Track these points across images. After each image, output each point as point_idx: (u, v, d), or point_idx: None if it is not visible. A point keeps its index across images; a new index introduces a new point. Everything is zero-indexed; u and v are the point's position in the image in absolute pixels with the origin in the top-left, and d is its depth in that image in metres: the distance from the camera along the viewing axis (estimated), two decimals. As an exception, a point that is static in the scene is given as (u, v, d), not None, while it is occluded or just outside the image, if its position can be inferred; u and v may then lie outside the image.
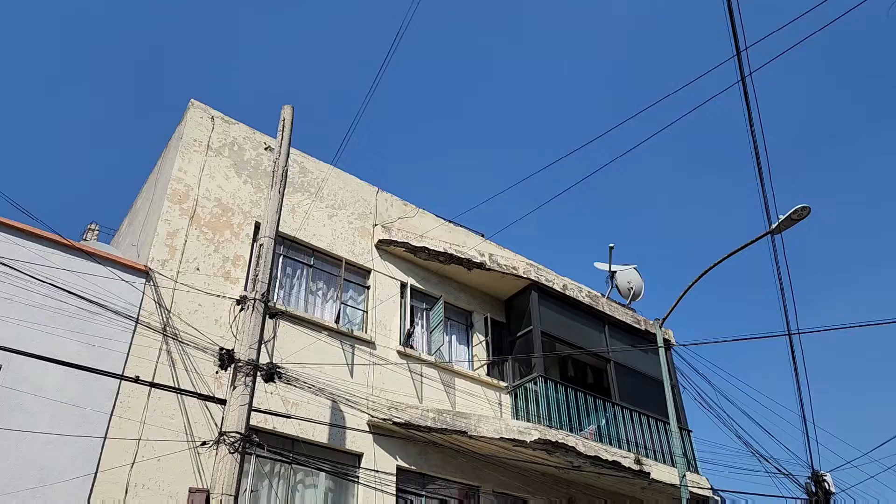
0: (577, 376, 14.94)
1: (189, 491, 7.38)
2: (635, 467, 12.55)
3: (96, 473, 7.95)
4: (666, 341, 14.42)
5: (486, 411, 12.33)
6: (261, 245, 8.95)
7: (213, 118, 11.58)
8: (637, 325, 15.15)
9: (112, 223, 14.29)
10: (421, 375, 11.86)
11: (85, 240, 13.68)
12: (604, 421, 13.24)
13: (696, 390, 16.14)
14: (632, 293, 16.04)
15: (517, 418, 12.45)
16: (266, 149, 11.98)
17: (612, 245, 16.11)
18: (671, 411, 12.92)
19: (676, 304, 12.89)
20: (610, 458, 12.28)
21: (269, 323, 9.57)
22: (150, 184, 12.06)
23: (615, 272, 16.06)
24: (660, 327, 13.79)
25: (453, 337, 13.20)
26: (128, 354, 8.73)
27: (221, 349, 8.09)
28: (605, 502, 12.97)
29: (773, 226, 11.67)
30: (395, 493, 10.44)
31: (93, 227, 14.56)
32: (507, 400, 12.89)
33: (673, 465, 12.99)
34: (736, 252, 12.26)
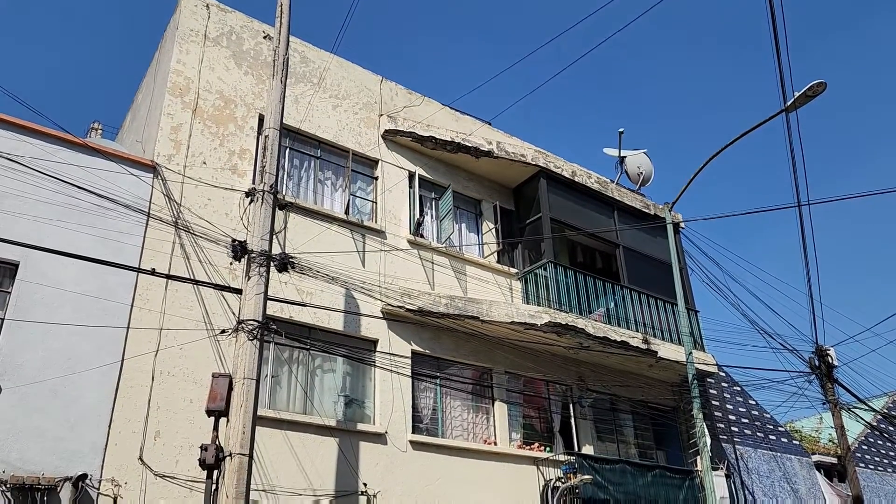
0: (587, 262, 15.10)
1: (212, 376, 7.64)
2: (643, 346, 12.89)
3: (122, 362, 8.25)
4: (675, 224, 14.45)
5: (497, 297, 12.55)
6: (266, 137, 8.85)
7: (207, 6, 11.20)
8: (646, 210, 15.14)
9: (115, 122, 14.15)
10: (432, 263, 12.01)
11: (89, 138, 13.57)
12: (612, 304, 13.49)
13: (703, 272, 16.32)
14: (641, 178, 15.92)
15: (527, 303, 12.69)
16: (265, 37, 11.64)
17: (621, 130, 15.86)
18: (679, 292, 13.10)
19: (687, 186, 12.82)
20: (618, 339, 12.60)
21: (279, 215, 9.63)
22: (150, 78, 11.83)
23: (625, 157, 15.88)
24: (669, 210, 13.77)
25: (463, 225, 13.27)
26: (142, 248, 8.86)
27: (234, 241, 8.16)
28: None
29: (789, 103, 11.40)
30: (410, 375, 10.81)
31: (96, 125, 14.42)
32: (517, 286, 13.09)
33: (680, 344, 13.33)
34: (750, 132, 12.04)
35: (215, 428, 7.43)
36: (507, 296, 12.81)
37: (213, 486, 7.23)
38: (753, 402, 16.66)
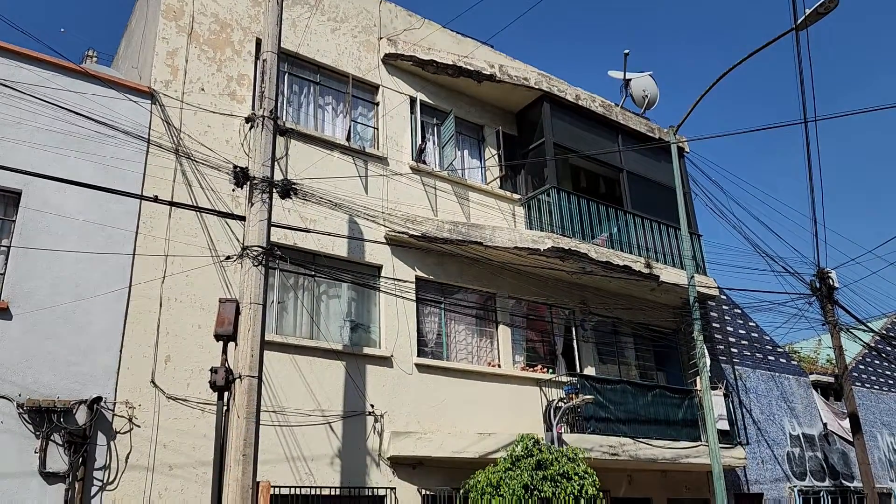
0: (590, 187, 15.04)
1: (219, 301, 7.74)
2: (645, 271, 12.98)
3: (130, 288, 8.35)
4: (679, 148, 14.32)
5: (501, 223, 12.56)
6: (264, 61, 8.68)
7: (199, -75, 10.79)
8: (651, 134, 14.97)
9: (109, 50, 13.87)
10: (435, 189, 11.98)
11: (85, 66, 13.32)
12: (615, 229, 13.51)
13: (707, 196, 16.26)
14: (646, 101, 15.67)
15: (531, 228, 12.72)
16: (260, -42, 11.26)
17: (627, 51, 15.55)
18: (682, 217, 13.10)
19: (693, 108, 12.62)
20: (621, 263, 12.68)
21: (280, 141, 9.55)
22: (143, 1, 11.53)
23: (630, 80, 15.59)
24: (674, 134, 13.62)
25: (465, 151, 13.16)
26: (144, 175, 8.84)
27: (235, 167, 8.11)
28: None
29: (800, 20, 11.11)
30: (415, 300, 10.94)
31: (91, 53, 14.12)
32: (520, 211, 13.09)
33: (682, 268, 13.41)
34: (759, 50, 11.75)
35: (224, 352, 7.58)
36: (511, 221, 12.82)
37: (225, 408, 7.43)
38: (753, 325, 16.88)
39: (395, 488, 9.75)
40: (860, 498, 16.44)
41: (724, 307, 16.28)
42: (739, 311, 16.65)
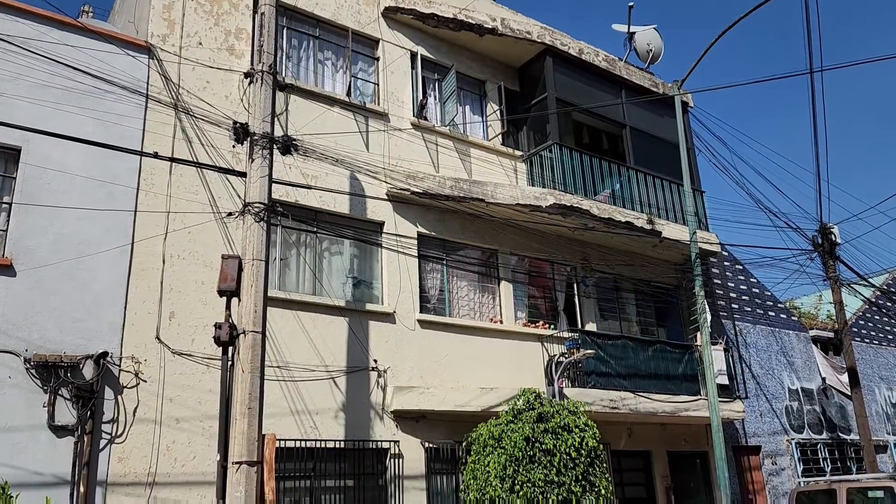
0: (593, 144, 14.93)
1: (222, 257, 7.77)
2: (647, 227, 12.97)
3: (132, 245, 8.37)
4: (683, 103, 14.18)
5: (502, 179, 12.51)
6: (262, 14, 8.54)
7: None
8: (655, 89, 14.80)
9: (105, 4, 13.64)
10: (436, 145, 11.90)
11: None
12: (618, 185, 13.45)
13: (710, 152, 16.16)
14: (650, 55, 15.44)
15: (533, 185, 12.67)
16: None
17: (631, 4, 15.21)
18: (685, 172, 13.04)
19: (698, 61, 12.46)
20: (623, 220, 12.66)
21: (280, 97, 9.47)
22: (138, -46, 11.30)
23: (634, 33, 15.34)
24: (678, 88, 13.47)
25: (467, 107, 13.04)
26: (143, 132, 8.78)
27: (235, 123, 8.06)
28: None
29: (806, -30, 10.87)
30: (417, 256, 10.96)
31: (86, 8, 13.91)
32: (522, 168, 13.02)
33: (684, 224, 13.40)
34: (765, 2, 11.54)
35: (227, 307, 7.64)
36: (512, 178, 12.77)
37: (229, 363, 7.52)
38: (754, 281, 16.93)
39: (398, 441, 9.91)
40: (857, 450, 16.69)
41: (726, 263, 16.31)
42: (741, 267, 16.68)
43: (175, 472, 8.05)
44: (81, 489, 7.30)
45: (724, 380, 13.34)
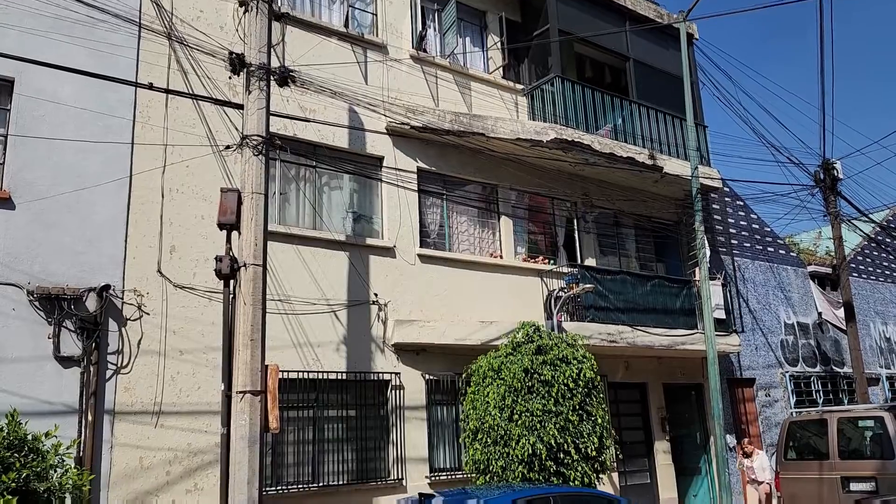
0: (595, 77, 14.68)
1: (221, 191, 7.73)
2: (649, 162, 12.87)
3: (130, 178, 8.33)
4: (688, 35, 13.87)
5: (503, 113, 12.35)
6: (256, -61, 8.28)
7: None
8: (659, 20, 14.45)
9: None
10: (436, 78, 11.70)
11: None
12: (620, 120, 13.29)
13: (714, 86, 15.89)
14: (656, -15, 15.01)
15: (534, 119, 12.51)
16: None
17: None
18: (688, 106, 12.88)
19: (703, -9, 12.10)
20: (624, 155, 12.56)
21: (276, 27, 9.24)
22: None
23: (639, -38, 14.87)
24: (684, 20, 13.17)
25: (467, 39, 12.76)
26: (137, 62, 8.62)
27: (231, 53, 7.90)
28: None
29: None
30: (416, 190, 10.93)
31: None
32: (523, 102, 12.84)
33: (686, 159, 13.31)
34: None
35: (228, 241, 7.65)
36: (513, 112, 12.60)
37: (231, 296, 7.58)
38: (755, 216, 16.92)
39: (399, 373, 10.08)
40: (849, 382, 17.00)
41: (727, 199, 16.27)
42: (741, 203, 16.65)
43: (180, 401, 8.21)
44: (89, 417, 7.47)
45: (721, 314, 13.49)
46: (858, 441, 10.62)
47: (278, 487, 8.70)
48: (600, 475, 9.24)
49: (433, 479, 9.96)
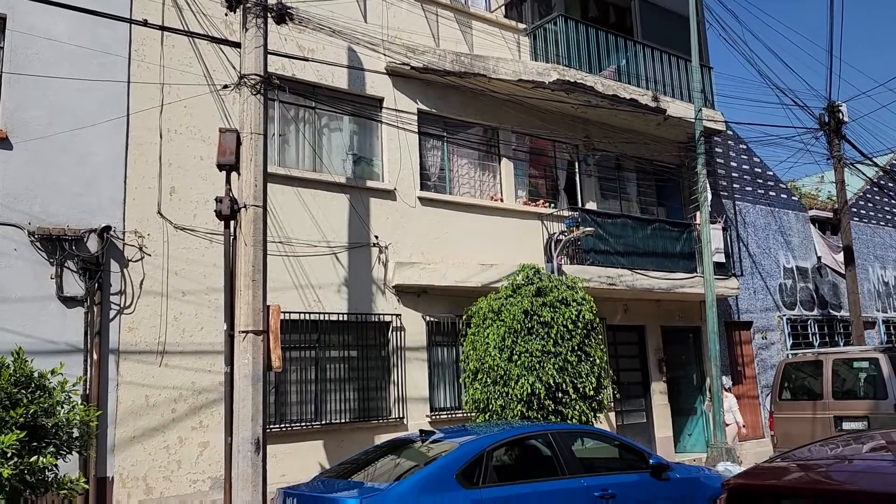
0: (599, 17, 14.36)
1: (219, 131, 7.67)
2: (652, 104, 12.71)
3: (128, 118, 8.23)
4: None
5: (505, 54, 12.14)
6: None
7: None
8: (666, -43, 14.07)
9: None
10: (437, 17, 11.46)
11: None
12: (624, 61, 13.07)
13: (721, 25, 15.58)
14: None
15: (536, 60, 12.30)
16: None
17: None
18: (694, 47, 12.64)
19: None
20: (627, 97, 12.39)
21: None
22: None
23: None
24: (691, -44, 12.81)
25: (469, -24, 12.44)
26: (131, -1, 8.43)
27: (227, -12, 7.73)
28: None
29: None
30: (417, 132, 10.83)
31: None
32: (525, 42, 12.60)
33: (690, 102, 13.14)
34: None
35: (227, 181, 7.62)
36: (515, 53, 12.38)
37: (232, 237, 7.59)
38: (758, 160, 16.80)
39: (400, 315, 10.17)
40: (845, 326, 17.17)
41: (730, 142, 16.13)
42: (744, 146, 16.51)
43: (184, 341, 8.31)
44: (94, 356, 7.57)
45: (721, 258, 13.52)
46: (852, 382, 10.79)
47: (282, 425, 8.88)
48: (598, 414, 9.41)
49: (434, 417, 10.16)
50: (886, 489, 2.44)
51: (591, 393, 9.08)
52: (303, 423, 9.09)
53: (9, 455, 5.04)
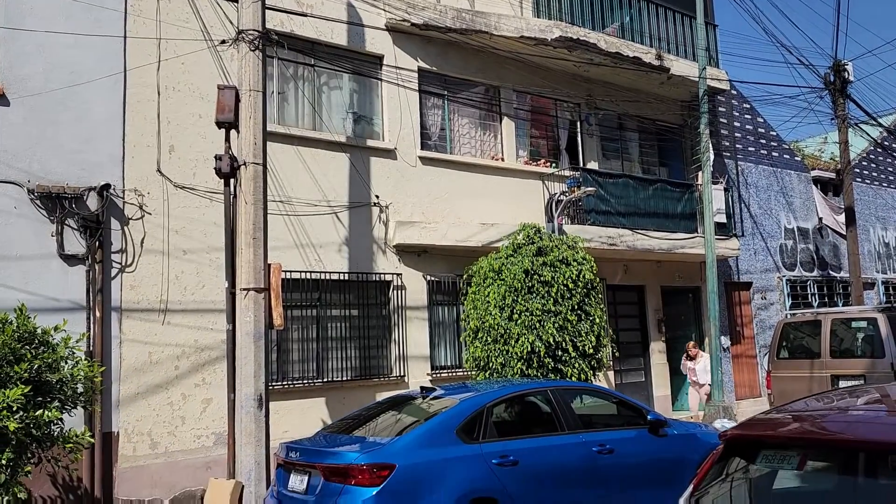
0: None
1: (218, 88, 7.60)
2: (655, 62, 12.56)
3: (125, 74, 8.14)
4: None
5: (507, 10, 11.94)
6: None
7: None
8: (672, -90, 13.74)
9: None
10: (437, -28, 11.25)
11: None
12: (628, 18, 12.87)
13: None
14: None
15: (538, 16, 12.11)
16: None
17: None
18: (699, 4, 12.45)
19: None
20: (630, 54, 12.23)
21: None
22: None
23: None
24: None
25: (470, -71, 12.18)
26: (125, -49, 8.26)
27: (223, -59, 7.59)
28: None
29: None
30: (417, 90, 10.72)
31: None
32: (527, -2, 12.39)
33: (694, 60, 12.97)
34: None
35: (227, 139, 7.59)
36: (517, 9, 12.17)
37: (232, 195, 7.58)
38: (761, 120, 16.66)
39: (401, 274, 10.19)
40: (845, 286, 17.23)
41: (734, 102, 15.97)
42: (748, 106, 16.36)
43: (186, 299, 8.35)
44: (97, 314, 7.61)
45: (722, 218, 13.50)
46: (850, 341, 10.86)
47: (284, 383, 8.98)
48: (597, 372, 9.50)
49: (434, 376, 10.26)
50: (881, 437, 2.48)
51: (591, 351, 9.15)
52: (305, 381, 9.18)
53: (14, 409, 5.11)
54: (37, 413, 5.22)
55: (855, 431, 2.64)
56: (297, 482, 5.53)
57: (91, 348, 7.48)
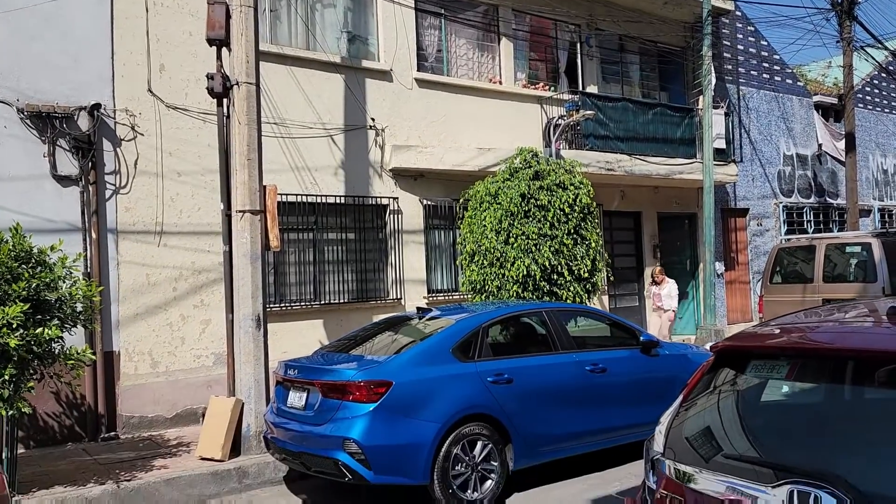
0: None
1: (208, 3, 7.35)
2: (659, -19, 12.19)
3: (111, -11, 7.88)
4: None
5: (506, -76, 11.51)
6: None
7: None
8: None
9: None
10: None
11: None
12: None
13: None
14: None
15: (539, -69, 11.68)
16: None
17: None
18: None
19: None
20: (634, -28, 11.86)
21: None
22: None
23: None
24: None
25: None
26: None
27: None
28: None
29: None
30: (413, 7, 10.43)
31: None
32: (528, -89, 11.91)
33: (699, -21, 12.59)
34: None
35: (219, 58, 7.39)
36: (517, -77, 11.73)
37: (225, 115, 7.45)
38: (765, 43, 16.30)
39: (397, 198, 10.16)
40: (841, 213, 17.25)
41: (738, 24, 15.59)
42: (752, 28, 15.98)
43: (181, 222, 8.33)
44: (93, 235, 7.60)
45: (722, 144, 13.38)
46: (844, 266, 10.93)
47: (282, 304, 9.06)
48: (591, 295, 9.60)
49: (431, 299, 10.36)
50: (869, 346, 2.52)
51: (586, 275, 9.22)
52: (302, 303, 9.27)
53: (14, 326, 5.16)
54: (37, 331, 5.27)
55: (843, 341, 2.68)
56: (296, 399, 5.65)
57: (88, 269, 7.51)
